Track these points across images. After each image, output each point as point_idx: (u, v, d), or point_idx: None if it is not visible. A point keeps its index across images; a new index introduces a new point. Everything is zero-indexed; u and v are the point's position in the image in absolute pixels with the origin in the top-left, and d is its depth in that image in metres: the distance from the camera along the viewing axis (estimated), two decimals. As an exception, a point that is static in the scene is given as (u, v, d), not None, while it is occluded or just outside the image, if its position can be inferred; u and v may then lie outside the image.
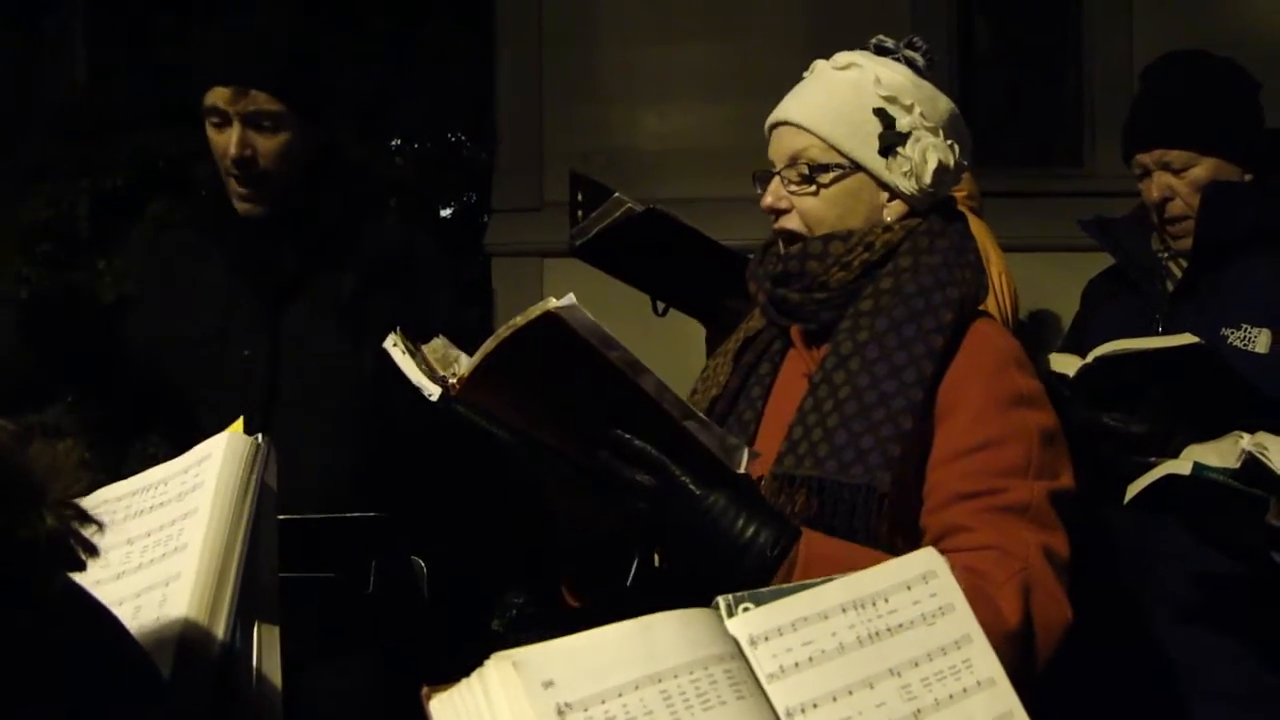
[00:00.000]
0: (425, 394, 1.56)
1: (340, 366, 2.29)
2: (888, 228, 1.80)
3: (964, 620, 1.27)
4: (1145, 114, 2.49)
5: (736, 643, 1.16)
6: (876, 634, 1.22)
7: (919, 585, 1.27)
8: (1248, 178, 2.41)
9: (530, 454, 1.59)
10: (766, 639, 1.17)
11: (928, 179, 1.79)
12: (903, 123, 1.79)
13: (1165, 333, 2.34)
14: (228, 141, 2.26)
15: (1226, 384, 2.08)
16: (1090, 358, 2.13)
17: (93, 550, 0.98)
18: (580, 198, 2.61)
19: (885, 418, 1.67)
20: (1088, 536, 2.40)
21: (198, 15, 3.73)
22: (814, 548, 1.55)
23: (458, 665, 1.09)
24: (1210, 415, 2.01)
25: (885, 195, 1.81)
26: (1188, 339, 2.07)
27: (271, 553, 1.43)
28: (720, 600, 1.18)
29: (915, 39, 2.85)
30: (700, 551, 1.55)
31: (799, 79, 1.92)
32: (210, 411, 2.26)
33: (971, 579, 1.46)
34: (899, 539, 1.66)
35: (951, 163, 1.82)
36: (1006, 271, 2.76)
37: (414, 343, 1.66)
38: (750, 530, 1.53)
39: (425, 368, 1.62)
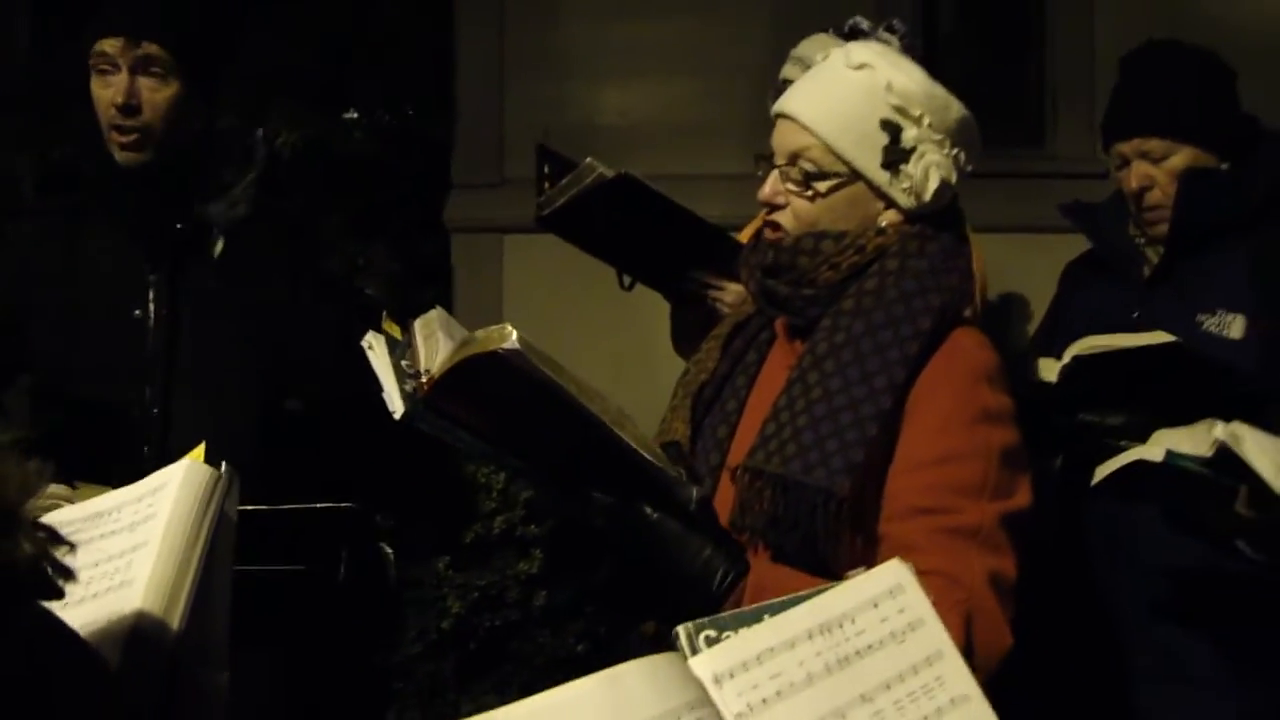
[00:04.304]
0: (390, 409, 1.58)
1: (237, 329, 2.32)
2: (880, 231, 1.79)
3: (934, 635, 1.23)
4: (1124, 103, 2.50)
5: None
6: (845, 659, 1.17)
7: (886, 601, 1.23)
8: (1224, 166, 2.42)
9: (497, 461, 1.62)
10: (732, 675, 1.12)
11: (927, 197, 1.78)
12: (909, 135, 1.77)
13: (1142, 319, 2.36)
14: (114, 90, 2.28)
15: (1203, 377, 2.08)
16: (1067, 357, 2.14)
17: (70, 575, 0.93)
18: (547, 170, 2.57)
19: (852, 422, 1.67)
20: (1063, 528, 2.43)
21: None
22: (762, 579, 1.59)
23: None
24: (1188, 409, 2.01)
25: (882, 205, 1.80)
26: (1162, 337, 2.08)
27: (224, 594, 1.36)
28: (680, 631, 1.14)
29: (894, 22, 2.85)
30: (652, 573, 1.59)
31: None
32: (106, 378, 2.28)
33: None
34: (860, 541, 1.68)
35: (954, 177, 1.80)
36: (979, 256, 2.76)
37: (404, 323, 1.68)
38: (700, 560, 1.57)
39: (406, 359, 1.64)
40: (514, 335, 1.44)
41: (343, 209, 4.42)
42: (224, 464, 1.38)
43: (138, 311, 2.30)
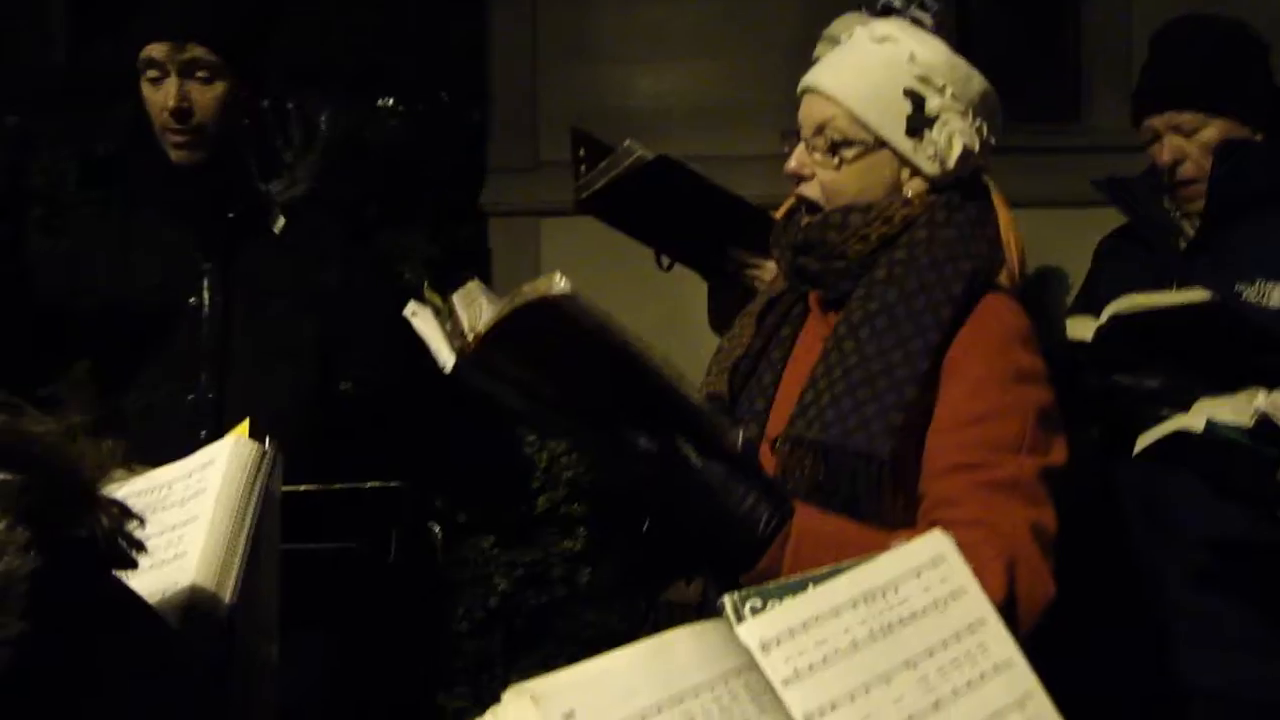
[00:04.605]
0: (439, 364, 1.60)
1: (290, 315, 2.37)
2: (907, 202, 1.82)
3: (976, 603, 1.24)
4: (1154, 78, 2.50)
5: (750, 651, 1.13)
6: (889, 626, 1.19)
7: (929, 571, 1.24)
8: (1259, 137, 2.42)
9: (541, 417, 1.63)
10: (779, 642, 1.14)
11: (951, 163, 1.81)
12: (932, 104, 1.80)
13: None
14: (165, 95, 2.33)
15: (1242, 336, 2.08)
16: (1104, 317, 2.14)
17: (141, 547, 0.98)
18: (581, 153, 2.59)
19: (889, 386, 1.71)
20: (1101, 494, 2.43)
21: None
22: (807, 524, 1.61)
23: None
24: (1226, 370, 2.01)
25: (907, 172, 1.83)
26: (1201, 294, 2.08)
27: (272, 565, 1.40)
28: (727, 600, 1.16)
29: (925, 0, 2.85)
30: (697, 521, 1.61)
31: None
32: (162, 365, 2.32)
33: None
34: (901, 503, 1.71)
35: (977, 146, 1.84)
36: (1014, 229, 2.76)
37: (444, 293, 1.70)
38: (746, 504, 1.58)
39: (450, 325, 1.65)
40: (563, 281, 1.46)
41: (379, 195, 4.47)
42: (268, 440, 1.42)
43: (192, 299, 2.35)
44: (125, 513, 0.97)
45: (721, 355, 1.97)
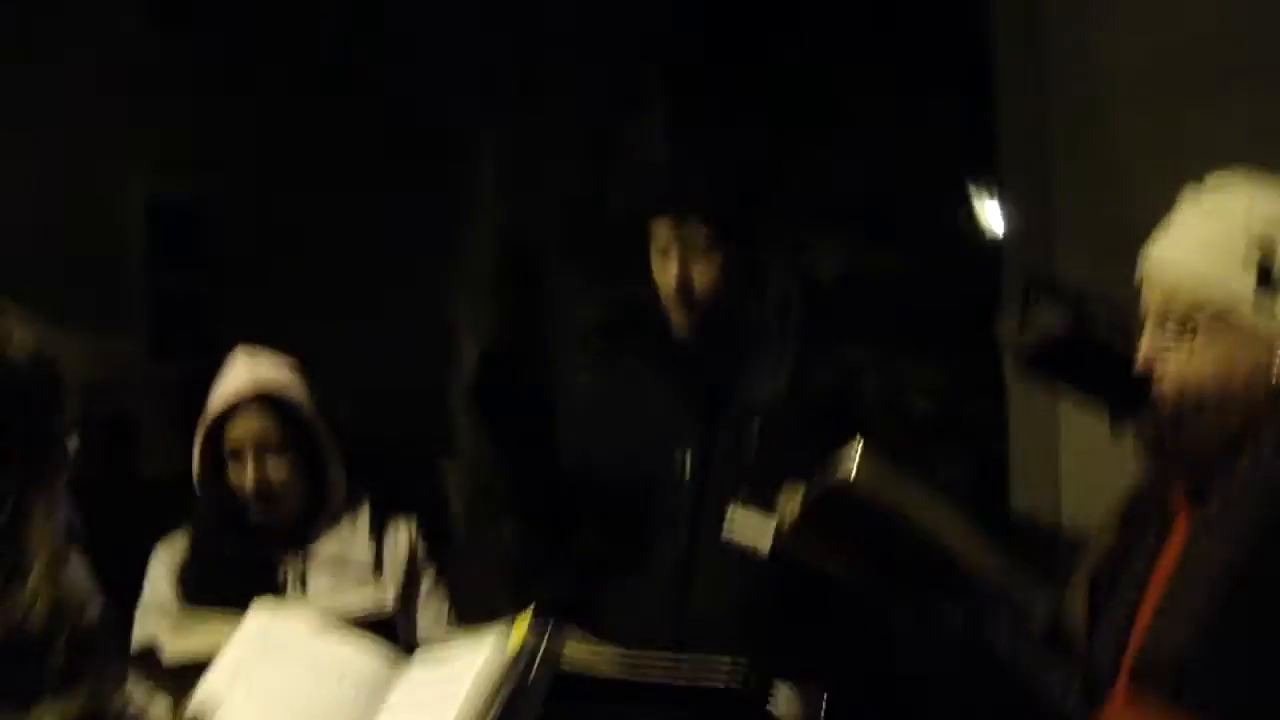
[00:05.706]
0: (758, 551, 1.65)
1: (767, 477, 2.33)
2: (1270, 381, 1.63)
3: None
4: None
5: None
6: None
7: None
8: None
9: (858, 584, 1.70)
10: None
11: None
12: None
13: None
14: (670, 269, 2.45)
15: None
16: None
17: None
18: (1030, 307, 2.50)
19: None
20: None
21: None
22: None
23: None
24: None
25: (1269, 348, 1.63)
26: None
27: None
28: None
29: None
30: (1000, 702, 1.56)
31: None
32: (642, 524, 2.41)
33: None
34: None
35: None
36: None
37: (753, 500, 1.77)
38: (1051, 688, 1.53)
39: (766, 518, 1.75)
40: (850, 464, 1.52)
41: (888, 324, 4.46)
42: (546, 627, 1.52)
43: (675, 461, 2.46)
44: None
45: (1090, 557, 1.79)
